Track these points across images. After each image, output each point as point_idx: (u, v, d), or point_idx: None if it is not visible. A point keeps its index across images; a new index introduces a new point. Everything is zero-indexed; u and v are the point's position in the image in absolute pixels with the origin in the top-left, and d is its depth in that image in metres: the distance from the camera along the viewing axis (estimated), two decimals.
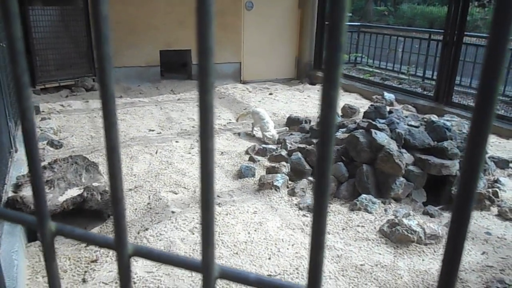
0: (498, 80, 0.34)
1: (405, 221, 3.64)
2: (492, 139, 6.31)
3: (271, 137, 5.81)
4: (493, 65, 0.34)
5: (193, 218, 3.84)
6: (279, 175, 4.58)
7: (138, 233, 3.67)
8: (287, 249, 3.47)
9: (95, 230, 3.73)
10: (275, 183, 4.46)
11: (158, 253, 0.47)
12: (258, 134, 6.26)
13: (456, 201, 0.39)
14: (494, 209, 4.16)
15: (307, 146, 5.06)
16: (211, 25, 0.37)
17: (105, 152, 0.44)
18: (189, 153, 5.54)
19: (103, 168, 4.68)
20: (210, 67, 0.39)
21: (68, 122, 6.57)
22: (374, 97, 8.32)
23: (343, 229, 3.80)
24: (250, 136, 6.33)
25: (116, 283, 3.01)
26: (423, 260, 3.38)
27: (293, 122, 6.56)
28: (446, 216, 4.09)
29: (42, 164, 4.22)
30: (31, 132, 0.45)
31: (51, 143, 5.53)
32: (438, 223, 3.86)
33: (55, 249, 0.52)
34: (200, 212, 0.43)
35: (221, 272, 0.45)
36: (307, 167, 4.78)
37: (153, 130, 6.44)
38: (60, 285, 0.53)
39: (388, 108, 5.88)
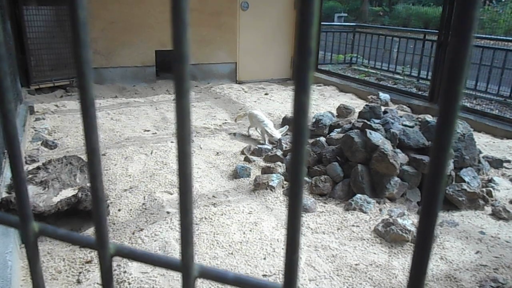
0: (462, 80, 0.35)
1: (399, 220, 3.65)
2: (487, 139, 6.34)
3: (275, 136, 5.76)
4: (456, 67, 0.35)
5: None
6: (274, 175, 4.59)
7: (133, 233, 3.67)
8: (282, 249, 3.47)
9: (90, 230, 3.72)
10: (270, 183, 4.46)
11: (139, 253, 0.48)
12: (254, 135, 6.27)
13: (424, 202, 0.39)
14: (488, 209, 4.18)
15: None
16: (186, 31, 0.38)
17: (86, 154, 0.44)
18: None
19: None
20: (186, 73, 0.39)
21: (63, 123, 6.56)
22: (369, 97, 8.33)
23: (338, 229, 3.81)
24: (245, 136, 6.34)
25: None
26: None
27: (288, 123, 6.57)
28: (440, 216, 4.09)
29: (37, 164, 4.22)
30: (13, 134, 0.45)
31: (46, 144, 5.53)
32: None
33: (38, 249, 0.53)
34: (179, 214, 0.44)
35: (201, 272, 0.46)
36: None
37: (148, 130, 6.44)
38: (44, 285, 0.53)
39: (383, 108, 5.90)
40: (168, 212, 4.03)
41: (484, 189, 4.36)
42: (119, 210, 4.06)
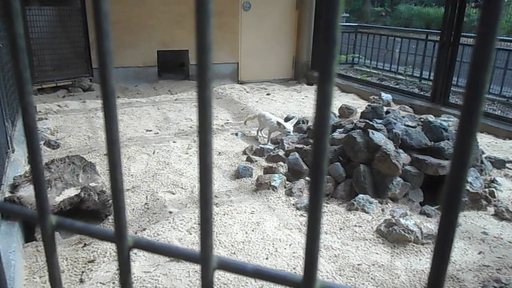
0: (485, 79, 0.35)
1: (402, 221, 3.64)
2: (489, 139, 6.33)
3: (287, 128, 5.66)
4: (480, 64, 0.35)
5: (191, 218, 3.85)
6: (276, 175, 4.59)
7: (136, 233, 3.67)
8: (285, 249, 3.47)
9: None
10: (272, 183, 4.46)
11: (158, 245, 0.48)
12: (262, 136, 6.20)
13: (445, 199, 0.39)
14: (491, 209, 4.17)
15: (305, 146, 5.07)
16: (210, 22, 0.38)
17: (105, 145, 0.44)
18: (187, 153, 5.54)
19: (100, 168, 4.69)
20: (209, 63, 0.39)
21: (65, 122, 6.57)
22: (371, 97, 8.33)
23: (341, 229, 3.81)
24: (247, 136, 6.33)
25: (113, 283, 3.01)
26: (420, 259, 3.39)
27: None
28: None
29: None
30: (32, 126, 0.45)
31: (48, 143, 5.53)
32: (435, 223, 3.87)
33: (55, 242, 0.53)
34: (199, 205, 0.44)
35: (220, 263, 0.46)
36: (305, 167, 4.78)
37: (150, 131, 6.44)
38: (61, 278, 0.53)
39: (385, 109, 5.89)
40: (170, 212, 4.03)
41: (486, 190, 4.35)
42: None
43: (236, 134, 6.37)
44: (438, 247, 0.41)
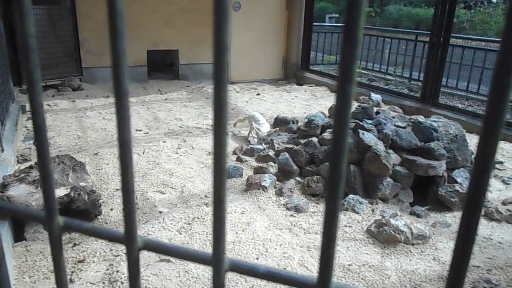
0: (509, 87, 0.35)
1: (392, 221, 3.66)
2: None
3: (260, 133, 5.74)
4: (505, 69, 0.35)
5: (181, 218, 3.83)
6: (266, 175, 4.59)
7: None
8: (275, 249, 3.47)
9: None
10: (262, 183, 4.46)
11: (168, 246, 0.47)
12: (254, 140, 6.17)
13: (465, 207, 0.39)
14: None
15: (295, 147, 5.07)
16: (227, 22, 0.38)
17: (117, 146, 0.44)
18: (176, 153, 5.52)
19: (90, 168, 4.66)
20: (225, 64, 0.39)
21: (55, 122, 6.52)
22: (361, 98, 8.36)
23: None
24: (237, 136, 6.33)
25: (103, 283, 3.00)
26: (410, 260, 3.40)
27: (280, 123, 6.56)
28: (433, 217, 4.13)
29: (29, 163, 4.18)
30: (42, 127, 0.45)
31: None
32: (425, 223, 3.89)
33: (62, 244, 0.52)
34: (212, 207, 0.44)
35: (231, 265, 0.46)
36: (295, 167, 4.79)
37: (140, 130, 6.41)
38: (67, 280, 0.53)
39: (375, 109, 5.91)
40: (160, 212, 4.01)
41: None
42: (111, 209, 4.05)
43: (226, 134, 6.33)
44: (457, 251, 0.41)
